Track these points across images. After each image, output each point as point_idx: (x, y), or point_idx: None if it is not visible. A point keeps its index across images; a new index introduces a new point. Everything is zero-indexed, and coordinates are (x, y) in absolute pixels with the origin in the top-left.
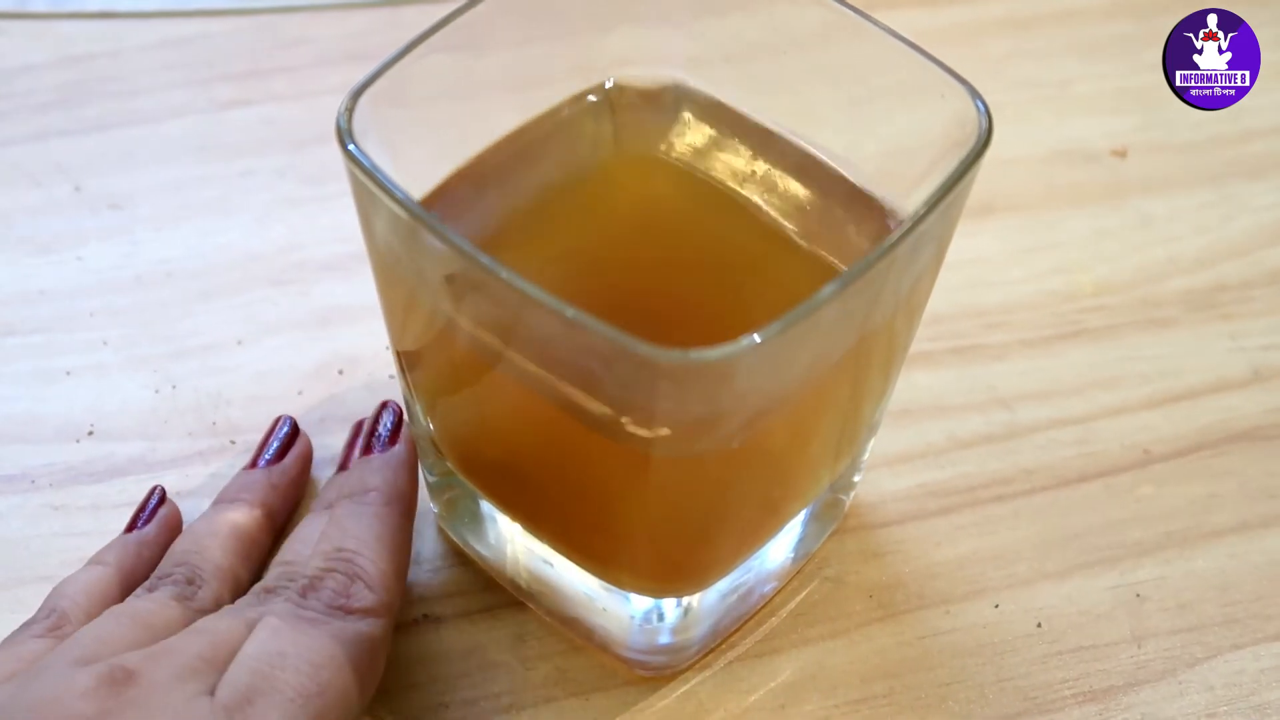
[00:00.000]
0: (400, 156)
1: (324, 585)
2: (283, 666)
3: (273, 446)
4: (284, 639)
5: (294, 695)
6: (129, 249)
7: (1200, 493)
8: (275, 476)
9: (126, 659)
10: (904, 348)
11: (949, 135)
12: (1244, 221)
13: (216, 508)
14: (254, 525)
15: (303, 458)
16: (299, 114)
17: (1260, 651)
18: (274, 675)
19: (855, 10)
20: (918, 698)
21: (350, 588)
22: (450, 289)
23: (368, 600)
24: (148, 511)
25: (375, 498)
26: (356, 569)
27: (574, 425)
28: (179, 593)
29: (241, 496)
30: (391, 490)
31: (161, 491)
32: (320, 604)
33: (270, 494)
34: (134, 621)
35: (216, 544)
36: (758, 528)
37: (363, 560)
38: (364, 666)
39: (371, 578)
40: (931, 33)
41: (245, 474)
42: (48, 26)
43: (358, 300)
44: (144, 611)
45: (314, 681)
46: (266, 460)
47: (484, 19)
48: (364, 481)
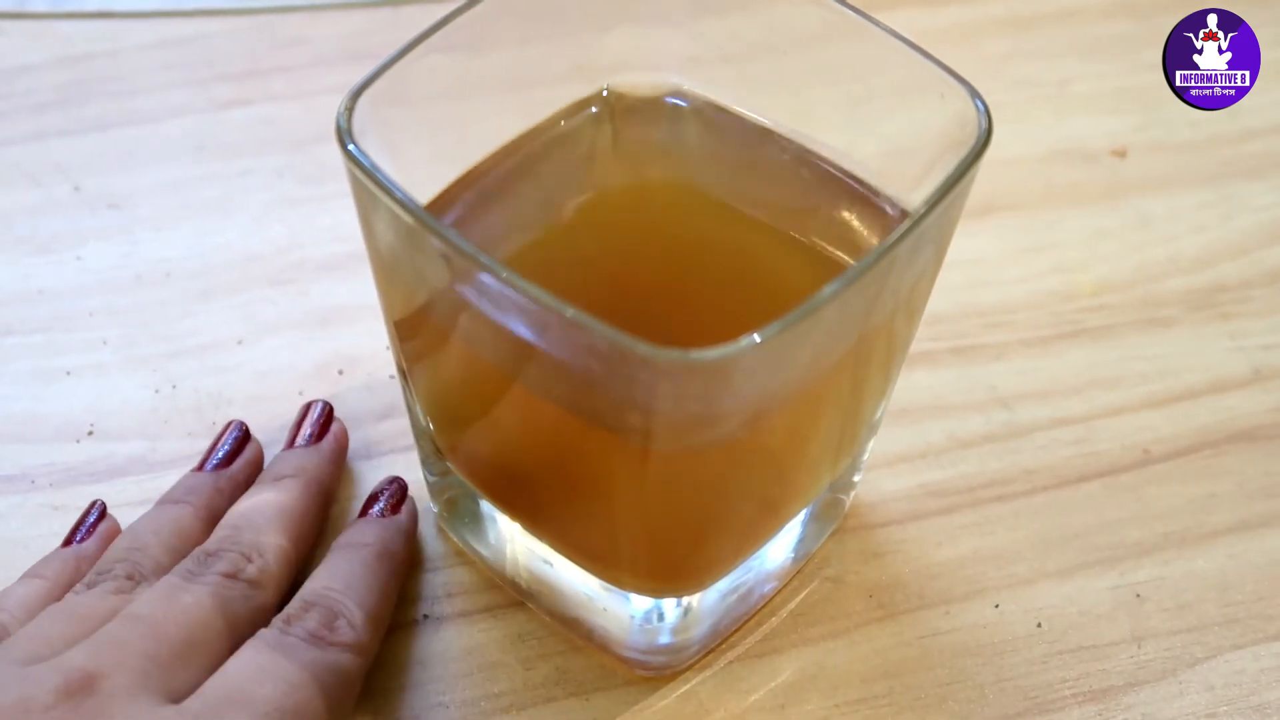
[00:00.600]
0: (400, 156)
1: (308, 616)
2: (261, 681)
3: (221, 451)
4: (265, 657)
5: (269, 709)
6: (128, 249)
7: (1200, 492)
8: (222, 481)
9: (72, 657)
10: (904, 347)
11: (948, 135)
12: (1243, 221)
13: (159, 508)
14: (197, 526)
15: (251, 463)
16: (298, 114)
17: (1260, 651)
18: (251, 689)
19: (855, 10)
20: (918, 698)
21: (334, 622)
22: (450, 288)
23: (348, 636)
24: (86, 526)
25: (368, 553)
26: (341, 607)
27: (574, 425)
28: (118, 587)
29: (186, 498)
30: (385, 549)
31: (102, 506)
32: (303, 632)
33: (215, 497)
34: (72, 617)
35: (158, 541)
36: (757, 527)
37: (348, 601)
38: (337, 698)
39: (354, 617)
40: (931, 32)
41: (191, 476)
42: (47, 26)
43: (357, 300)
44: (83, 607)
45: (290, 700)
46: (214, 464)
47: (483, 19)
48: (363, 535)
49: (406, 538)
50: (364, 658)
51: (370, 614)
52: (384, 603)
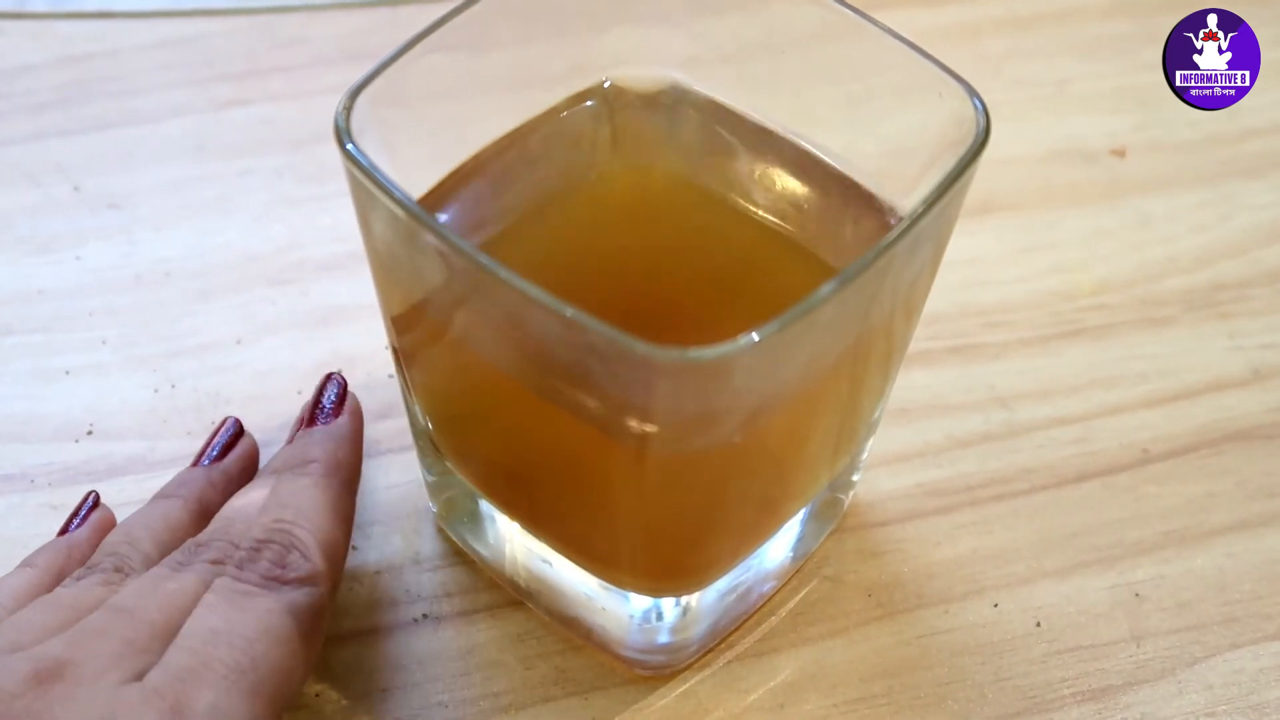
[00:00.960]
0: (398, 156)
1: (260, 557)
2: (215, 643)
3: (215, 447)
4: (218, 615)
5: (226, 672)
6: (128, 249)
7: (1199, 492)
8: (215, 475)
9: (50, 646)
10: (902, 347)
11: (947, 134)
12: (1242, 221)
13: (152, 503)
14: (188, 520)
15: (245, 457)
16: (297, 114)
17: (1259, 650)
18: (206, 653)
19: (853, 10)
20: (917, 697)
21: (286, 557)
22: (448, 288)
23: (303, 569)
24: (81, 515)
25: (315, 469)
26: (293, 539)
27: (572, 424)
28: (106, 579)
29: (179, 493)
30: (331, 461)
31: (95, 496)
32: (257, 575)
33: (208, 491)
34: (58, 608)
35: (148, 536)
36: (756, 527)
37: (300, 530)
38: (302, 636)
39: (308, 546)
40: (930, 32)
41: (186, 472)
42: (47, 26)
43: (357, 300)
44: (69, 598)
45: (247, 656)
46: (210, 459)
47: (482, 19)
48: (305, 453)
49: (353, 443)
50: (323, 586)
51: (325, 539)
52: (339, 523)
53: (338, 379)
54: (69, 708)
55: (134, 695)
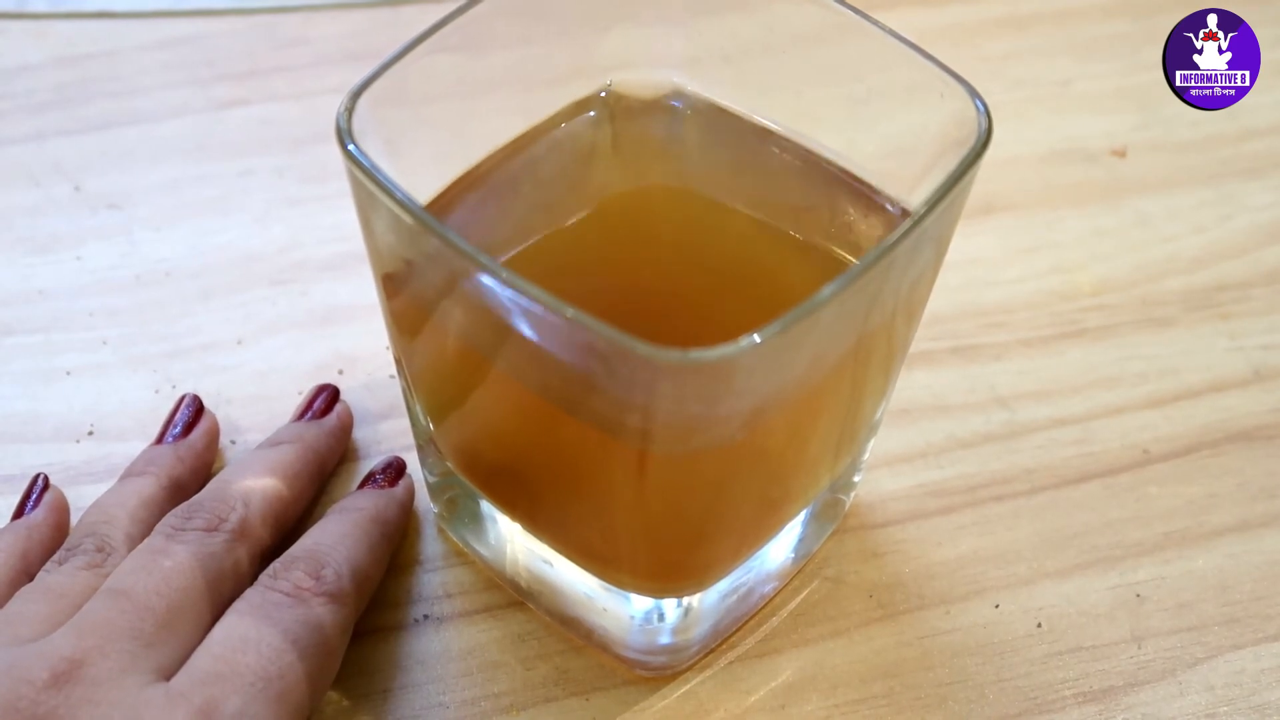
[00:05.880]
0: (400, 156)
1: (293, 570)
2: (244, 650)
3: (179, 423)
4: (247, 624)
5: (254, 679)
6: (128, 249)
7: (1200, 492)
8: (182, 450)
9: (58, 644)
10: (904, 347)
11: (948, 135)
12: (1242, 221)
13: (123, 481)
14: (161, 496)
15: (208, 433)
16: (298, 114)
17: (1260, 651)
18: (235, 659)
19: (854, 10)
20: (917, 698)
21: (320, 572)
22: (449, 289)
23: (333, 586)
24: (34, 497)
25: (361, 516)
26: (327, 558)
27: (574, 425)
28: (89, 561)
29: (148, 469)
30: (378, 515)
31: (45, 478)
32: (288, 585)
33: (177, 466)
34: (50, 595)
35: (125, 514)
36: (757, 528)
37: (335, 554)
38: (328, 652)
39: (340, 568)
40: (931, 32)
41: (151, 449)
42: (46, 26)
43: (357, 300)
44: (56, 585)
45: (275, 665)
46: (173, 436)
47: (483, 19)
48: (356, 501)
49: (402, 509)
50: (349, 608)
51: (357, 568)
52: (373, 562)
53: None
54: (93, 711)
55: (160, 698)
